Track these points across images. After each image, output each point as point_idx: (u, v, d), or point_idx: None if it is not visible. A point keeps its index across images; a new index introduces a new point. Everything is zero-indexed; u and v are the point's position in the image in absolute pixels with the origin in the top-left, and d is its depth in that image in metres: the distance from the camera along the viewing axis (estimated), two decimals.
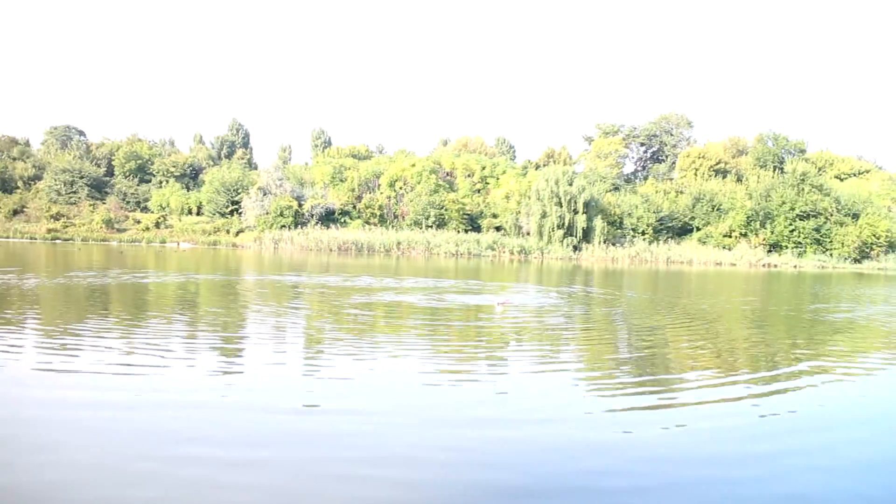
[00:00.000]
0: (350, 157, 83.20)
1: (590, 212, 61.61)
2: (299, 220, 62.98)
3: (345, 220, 65.29)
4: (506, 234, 62.87)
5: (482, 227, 64.56)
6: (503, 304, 16.15)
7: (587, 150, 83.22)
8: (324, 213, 64.90)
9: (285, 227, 61.47)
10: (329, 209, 65.53)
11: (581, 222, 60.42)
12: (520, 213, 64.43)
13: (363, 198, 67.52)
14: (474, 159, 74.74)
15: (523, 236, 62.52)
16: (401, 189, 69.08)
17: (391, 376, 7.92)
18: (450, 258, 52.02)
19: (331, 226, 62.95)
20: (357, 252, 54.96)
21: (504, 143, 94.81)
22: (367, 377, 7.83)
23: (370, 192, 69.05)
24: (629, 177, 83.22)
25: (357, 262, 38.34)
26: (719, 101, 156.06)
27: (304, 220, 63.36)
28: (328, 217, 65.00)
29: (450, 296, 18.45)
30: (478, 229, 64.26)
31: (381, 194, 68.75)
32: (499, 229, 64.33)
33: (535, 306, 16.69)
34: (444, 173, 71.99)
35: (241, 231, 63.52)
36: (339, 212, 66.35)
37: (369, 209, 65.82)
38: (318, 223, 63.26)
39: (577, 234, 60.47)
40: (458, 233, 61.78)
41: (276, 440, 5.42)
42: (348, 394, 7.04)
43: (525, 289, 23.20)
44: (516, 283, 26.16)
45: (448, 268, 36.34)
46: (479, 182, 71.92)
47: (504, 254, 58.49)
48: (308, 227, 61.59)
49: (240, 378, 7.75)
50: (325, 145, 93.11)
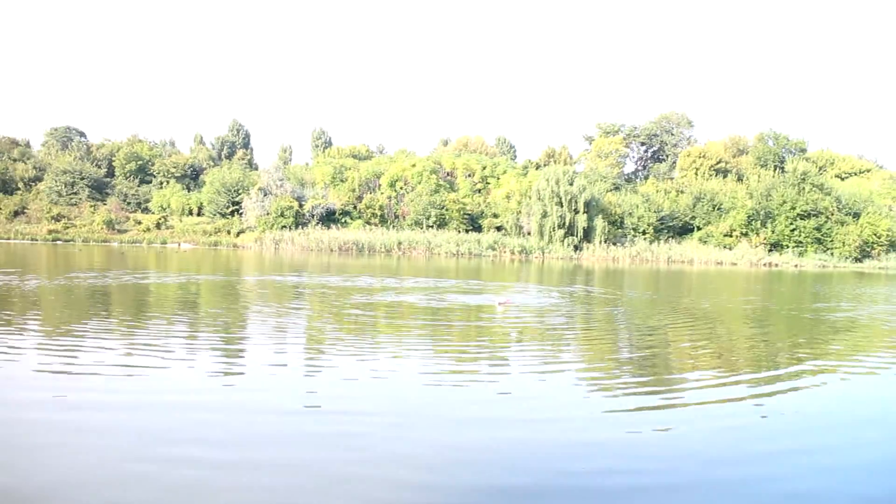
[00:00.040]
0: (350, 157, 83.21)
1: (590, 211, 61.60)
2: (300, 221, 63.00)
3: (345, 221, 65.30)
4: (506, 233, 62.86)
5: (483, 227, 64.55)
6: (504, 303, 16.13)
7: (588, 150, 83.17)
8: (324, 214, 64.91)
9: (286, 227, 61.49)
10: (330, 209, 65.54)
11: (582, 222, 60.40)
12: (520, 212, 64.42)
13: (364, 198, 67.52)
14: (475, 159, 74.73)
15: (524, 236, 62.51)
16: (401, 189, 69.08)
17: (392, 377, 7.90)
18: (451, 258, 52.01)
19: (331, 226, 62.95)
20: (358, 252, 54.95)
21: (504, 142, 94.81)
22: (368, 378, 7.81)
23: (371, 193, 69.04)
24: (630, 176, 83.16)
25: (358, 263, 38.33)
26: (720, 101, 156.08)
27: (305, 220, 63.37)
28: (329, 217, 65.01)
29: (451, 296, 18.43)
30: (478, 229, 64.26)
31: (382, 194, 68.74)
32: (499, 229, 64.32)
33: (536, 306, 16.66)
34: (445, 173, 71.97)
35: (241, 231, 63.53)
36: (340, 212, 66.36)
37: (370, 209, 65.81)
38: (318, 223, 63.27)
39: (577, 233, 60.45)
40: (459, 233, 61.77)
41: (276, 441, 5.40)
42: (349, 395, 7.02)
43: (526, 288, 23.18)
44: (517, 283, 26.14)
45: (449, 268, 36.32)
46: (479, 182, 71.91)
47: (505, 254, 58.47)
48: (309, 228, 61.60)
49: (240, 379, 7.74)
50: (326, 145, 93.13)
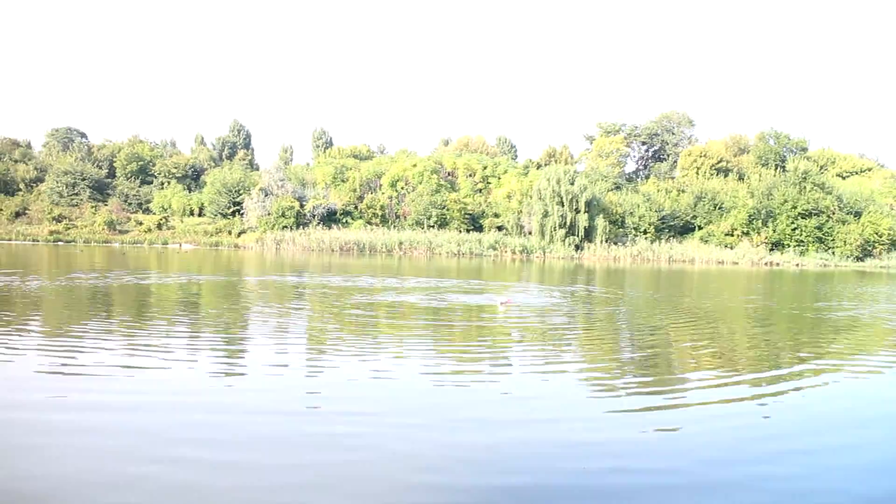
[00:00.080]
0: (351, 157, 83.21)
1: (591, 211, 61.56)
2: (301, 221, 63.02)
3: (346, 221, 65.32)
4: (507, 233, 62.85)
5: (484, 226, 64.54)
6: (506, 303, 16.11)
7: (588, 150, 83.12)
8: (325, 214, 64.93)
9: (287, 227, 61.51)
10: (331, 210, 65.56)
11: (583, 221, 60.37)
12: (521, 212, 64.40)
13: (365, 198, 67.52)
14: (476, 159, 74.71)
15: (525, 236, 62.49)
16: (402, 189, 69.07)
17: (394, 377, 7.89)
18: (452, 258, 51.99)
19: (332, 226, 62.96)
20: (359, 252, 54.95)
21: (505, 142, 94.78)
22: (369, 378, 7.80)
23: (372, 193, 69.04)
24: (631, 176, 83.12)
25: (359, 263, 38.33)
26: (721, 100, 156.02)
27: (306, 220, 63.39)
28: (330, 217, 65.03)
29: (452, 295, 18.42)
30: (479, 229, 64.25)
31: (383, 194, 68.74)
32: (500, 229, 64.30)
33: (537, 306, 16.65)
34: (446, 173, 71.96)
35: (242, 232, 63.57)
36: (341, 212, 66.37)
37: (371, 209, 65.81)
38: (319, 224, 63.29)
39: (578, 233, 60.43)
40: (460, 233, 61.77)
41: (277, 442, 5.39)
42: (350, 395, 7.01)
43: (527, 288, 23.16)
44: (518, 283, 26.12)
45: (450, 268, 36.31)
46: (480, 182, 71.89)
47: (506, 253, 58.45)
48: (310, 228, 61.62)
49: (241, 380, 7.73)
50: (327, 146, 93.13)
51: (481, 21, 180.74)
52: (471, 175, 72.21)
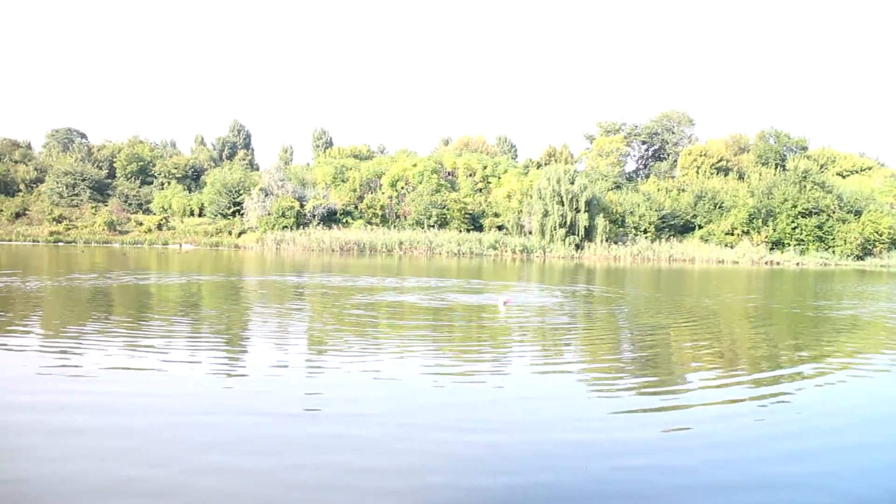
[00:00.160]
0: (351, 157, 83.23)
1: (592, 210, 61.55)
2: (301, 221, 63.03)
3: (347, 221, 65.33)
4: (508, 233, 62.85)
5: (484, 226, 64.54)
6: (507, 302, 16.08)
7: (588, 149, 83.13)
8: (326, 214, 64.94)
9: (287, 227, 61.52)
10: (331, 209, 65.57)
11: (583, 221, 60.36)
12: (522, 212, 64.39)
13: (365, 198, 67.52)
14: (476, 158, 74.71)
15: (525, 235, 62.48)
16: (402, 189, 69.07)
17: (395, 378, 7.86)
18: (452, 258, 51.98)
19: (333, 226, 62.97)
20: (359, 252, 54.95)
21: (505, 142, 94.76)
22: (370, 379, 7.78)
23: (372, 193, 69.04)
24: (631, 175, 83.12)
25: (359, 263, 38.31)
26: (721, 99, 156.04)
27: (306, 220, 63.40)
28: (330, 217, 65.04)
29: (452, 295, 18.40)
30: (480, 229, 64.25)
31: (383, 194, 68.75)
32: (501, 228, 64.31)
33: (538, 305, 16.63)
34: (446, 173, 71.97)
35: (243, 232, 63.58)
36: (341, 212, 66.38)
37: (371, 209, 65.81)
38: (319, 224, 63.30)
39: (579, 232, 60.43)
40: (460, 232, 61.77)
41: (277, 444, 5.36)
42: (351, 396, 6.98)
43: (528, 288, 23.14)
44: (519, 283, 26.10)
45: (450, 267, 36.29)
46: (480, 181, 71.89)
47: (506, 253, 58.45)
48: (310, 228, 61.64)
49: (241, 381, 7.70)
50: (327, 146, 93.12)
51: (481, 21, 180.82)
52: (471, 175, 72.19)
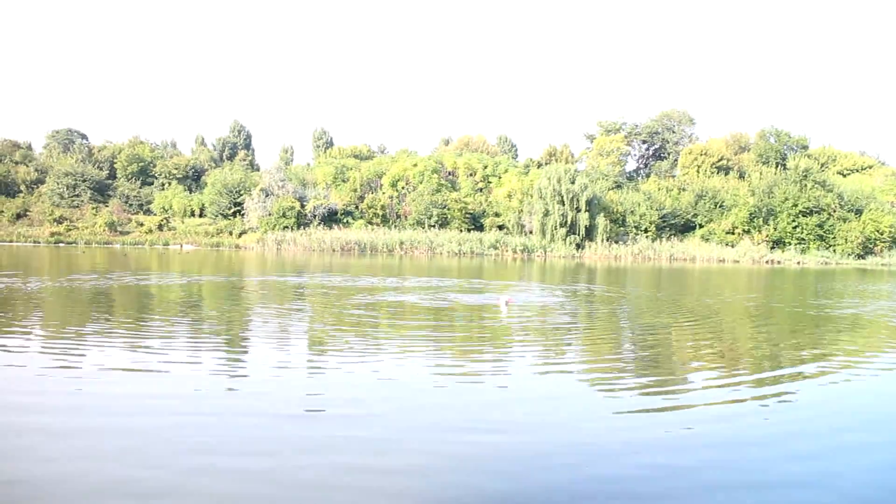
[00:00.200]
0: (352, 157, 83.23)
1: (592, 210, 61.54)
2: (302, 221, 63.05)
3: (347, 221, 65.33)
4: (508, 232, 62.85)
5: (485, 226, 64.54)
6: (509, 302, 16.06)
7: (589, 148, 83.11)
8: (326, 214, 64.96)
9: (288, 227, 61.54)
10: (331, 210, 65.58)
11: (584, 220, 60.36)
12: (522, 211, 64.40)
13: (365, 198, 67.53)
14: (476, 158, 74.71)
15: (526, 235, 62.47)
16: (403, 189, 69.08)
17: (396, 379, 7.85)
18: (453, 257, 51.97)
19: (333, 226, 62.99)
20: (360, 252, 54.96)
21: (506, 141, 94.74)
22: (371, 380, 7.77)
23: (372, 193, 69.04)
24: (631, 174, 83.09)
25: (360, 263, 38.31)
26: (721, 98, 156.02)
27: (307, 220, 63.42)
28: (331, 217, 65.05)
29: (453, 295, 18.40)
30: (480, 228, 64.25)
31: (384, 194, 68.76)
32: (501, 228, 64.32)
33: (539, 305, 16.63)
34: (447, 172, 71.96)
35: (243, 232, 63.61)
36: (342, 212, 66.39)
37: (372, 209, 65.82)
38: (320, 224, 63.32)
39: (579, 232, 60.41)
40: (461, 232, 61.78)
41: (278, 446, 5.35)
42: (352, 397, 6.97)
43: (529, 287, 23.14)
44: (520, 282, 26.09)
45: (451, 267, 36.29)
46: (481, 181, 71.89)
47: (507, 252, 58.45)
48: (311, 228, 61.66)
49: (242, 381, 7.69)
50: (327, 146, 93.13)
51: (481, 21, 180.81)
52: (471, 174, 72.19)
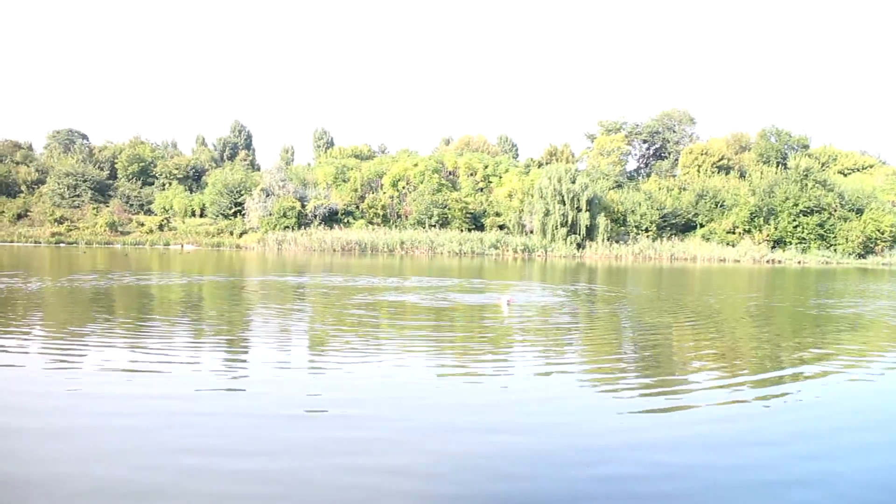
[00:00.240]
0: (352, 157, 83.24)
1: (593, 209, 61.52)
2: (302, 221, 63.05)
3: (348, 221, 65.33)
4: (509, 232, 62.83)
5: (485, 225, 64.53)
6: (510, 302, 16.06)
7: (589, 148, 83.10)
8: (327, 214, 64.95)
9: (288, 227, 61.55)
10: (332, 209, 65.58)
11: (584, 220, 60.33)
12: (523, 211, 64.38)
13: (366, 198, 67.53)
14: (477, 158, 74.69)
15: (527, 234, 62.46)
16: (403, 189, 69.07)
17: (397, 379, 7.86)
18: (453, 257, 51.97)
19: (334, 226, 62.99)
20: (360, 252, 54.96)
21: (506, 141, 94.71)
22: (372, 380, 7.77)
23: (373, 192, 69.04)
24: (632, 174, 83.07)
25: (361, 263, 38.32)
26: (721, 98, 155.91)
27: (308, 220, 63.42)
28: (331, 217, 65.05)
29: (454, 295, 18.40)
30: (481, 228, 64.24)
31: (384, 194, 68.75)
32: (502, 228, 64.30)
33: (540, 305, 16.62)
34: (447, 172, 71.95)
35: (244, 232, 63.62)
36: (342, 212, 66.38)
37: (372, 209, 65.82)
38: (321, 224, 63.32)
39: (580, 231, 60.39)
40: (462, 232, 61.76)
41: (278, 446, 5.35)
42: (352, 398, 6.97)
43: (530, 287, 23.13)
44: (521, 282, 26.09)
45: (452, 267, 36.28)
46: (481, 181, 71.87)
47: (508, 252, 58.44)
48: (311, 228, 61.67)
49: (243, 382, 7.70)
50: (328, 146, 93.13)
51: (481, 21, 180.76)
52: (472, 174, 72.18)
